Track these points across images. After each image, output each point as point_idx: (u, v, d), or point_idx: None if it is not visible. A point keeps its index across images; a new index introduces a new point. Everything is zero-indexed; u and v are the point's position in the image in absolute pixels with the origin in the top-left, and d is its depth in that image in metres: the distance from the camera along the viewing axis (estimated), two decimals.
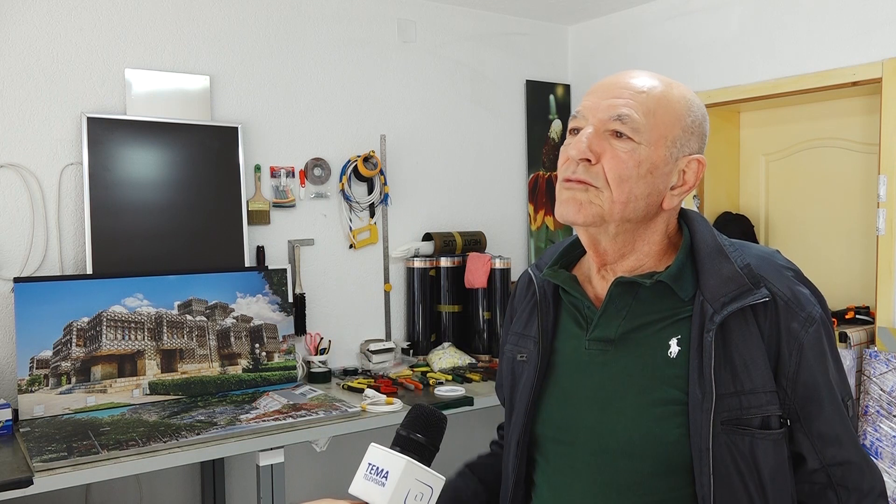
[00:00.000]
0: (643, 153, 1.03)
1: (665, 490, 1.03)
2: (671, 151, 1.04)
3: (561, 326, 1.16)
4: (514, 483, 1.19)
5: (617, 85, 1.06)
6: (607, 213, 1.04)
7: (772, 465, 1.01)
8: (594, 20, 3.74)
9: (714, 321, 1.00)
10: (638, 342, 1.06)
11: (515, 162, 3.72)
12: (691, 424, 1.00)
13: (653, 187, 1.04)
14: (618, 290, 1.08)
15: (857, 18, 2.75)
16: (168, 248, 2.73)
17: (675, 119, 1.05)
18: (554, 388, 1.14)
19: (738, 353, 1.01)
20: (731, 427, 0.99)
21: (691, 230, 1.10)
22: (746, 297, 1.01)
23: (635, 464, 1.04)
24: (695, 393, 1.00)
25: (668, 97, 1.05)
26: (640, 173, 1.03)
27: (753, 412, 1.00)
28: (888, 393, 2.56)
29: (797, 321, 1.02)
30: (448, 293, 3.31)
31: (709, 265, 1.05)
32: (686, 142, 1.06)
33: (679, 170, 1.06)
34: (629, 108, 1.03)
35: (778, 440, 1.02)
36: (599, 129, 1.04)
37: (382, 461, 0.88)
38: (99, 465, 1.98)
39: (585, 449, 1.08)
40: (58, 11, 2.60)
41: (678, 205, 1.10)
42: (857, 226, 3.05)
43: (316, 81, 3.12)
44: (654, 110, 1.03)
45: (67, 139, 2.61)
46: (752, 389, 1.00)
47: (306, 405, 2.51)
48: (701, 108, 1.09)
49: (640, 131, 1.03)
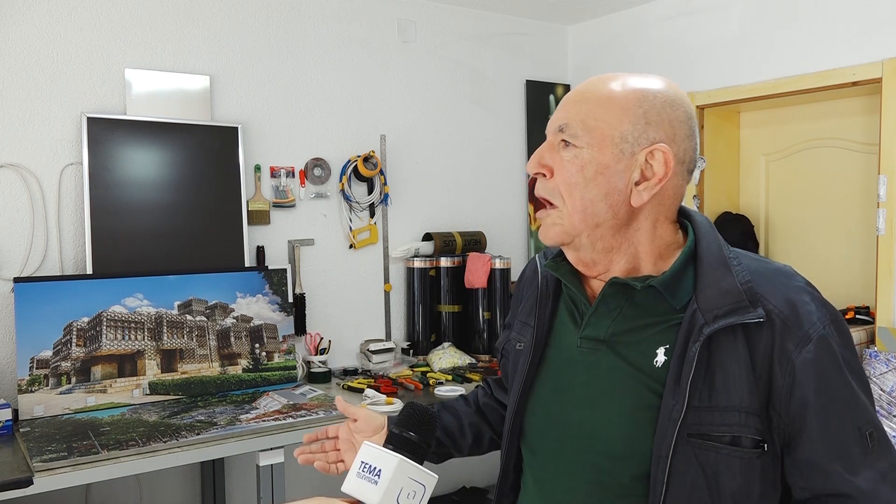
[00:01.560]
0: (585, 156, 1.03)
1: (641, 494, 1.02)
2: (621, 148, 1.02)
3: (558, 319, 1.17)
4: (504, 471, 1.21)
5: (566, 97, 1.09)
6: (570, 228, 1.05)
7: (737, 485, 0.97)
8: (594, 20, 3.75)
9: (703, 333, 0.98)
10: (627, 345, 1.05)
11: (515, 162, 3.72)
12: (657, 431, 0.99)
13: (608, 188, 1.03)
14: (611, 290, 1.07)
15: (857, 18, 2.75)
16: (168, 248, 2.73)
17: (620, 115, 1.02)
18: (545, 381, 1.15)
19: (721, 369, 0.98)
20: (698, 440, 0.97)
21: (697, 236, 1.07)
22: (740, 315, 0.97)
23: (616, 466, 1.04)
24: (667, 400, 0.99)
25: (610, 96, 1.04)
26: (588, 177, 1.03)
27: (724, 430, 0.97)
28: (888, 393, 2.56)
29: (792, 341, 0.97)
30: (448, 293, 3.32)
31: (709, 275, 1.02)
32: (641, 134, 1.02)
33: (639, 164, 1.02)
34: (567, 118, 1.05)
35: (748, 460, 0.97)
36: (553, 142, 1.07)
37: (375, 459, 0.88)
38: (99, 465, 1.98)
39: (571, 446, 1.09)
40: (58, 11, 2.60)
41: (661, 199, 1.05)
42: (857, 226, 3.05)
43: (316, 81, 3.12)
44: (592, 112, 1.04)
45: (67, 139, 2.61)
46: (728, 407, 0.97)
47: (306, 405, 2.51)
48: (661, 95, 1.04)
49: (578, 136, 1.04)
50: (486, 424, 1.37)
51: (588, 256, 1.08)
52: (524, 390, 1.16)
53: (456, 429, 1.35)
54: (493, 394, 1.41)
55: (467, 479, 3.55)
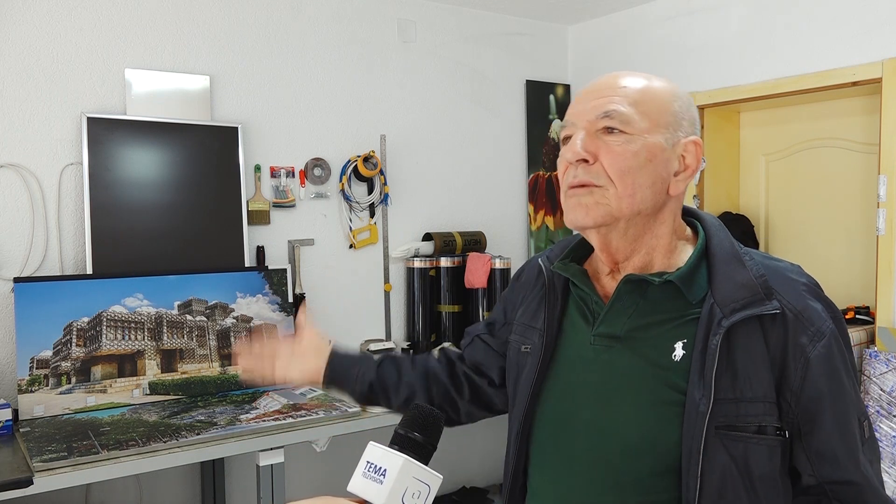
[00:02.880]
0: (638, 143, 1.04)
1: (661, 491, 1.03)
2: (666, 137, 1.05)
3: (567, 320, 1.17)
4: (513, 474, 1.20)
5: (599, 87, 1.09)
6: (616, 210, 1.05)
7: (765, 472, 1.01)
8: (594, 20, 3.75)
9: (722, 326, 1.00)
10: (643, 341, 1.06)
11: (515, 162, 3.72)
12: (685, 426, 1.00)
13: (656, 175, 1.05)
14: (627, 287, 1.08)
15: (857, 18, 2.75)
16: (168, 248, 2.73)
17: (663, 106, 1.06)
18: (556, 381, 1.15)
19: (742, 361, 1.00)
20: (726, 432, 0.99)
21: (708, 234, 1.10)
22: (757, 307, 1.01)
23: (633, 463, 1.04)
24: (693, 395, 1.00)
25: (650, 88, 1.07)
26: (640, 163, 1.04)
27: (750, 420, 1.00)
28: (888, 393, 2.56)
29: (806, 336, 1.01)
30: (448, 293, 3.32)
31: (723, 270, 1.05)
32: (678, 126, 1.07)
33: (678, 154, 1.07)
34: (615, 104, 1.05)
35: (773, 447, 1.01)
36: (591, 130, 1.06)
37: (380, 459, 0.89)
38: (99, 465, 1.98)
39: (583, 444, 1.09)
40: (58, 11, 2.60)
41: (684, 190, 1.09)
42: (857, 226, 3.05)
43: (316, 81, 3.12)
44: (639, 101, 1.05)
45: (67, 139, 2.61)
46: (752, 398, 1.00)
47: (306, 405, 2.51)
48: (685, 95, 1.10)
49: (630, 122, 1.04)
50: (423, 390, 1.33)
51: (615, 242, 1.09)
52: (534, 392, 1.16)
53: (392, 384, 1.33)
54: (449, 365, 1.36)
55: (467, 479, 3.55)
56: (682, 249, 1.11)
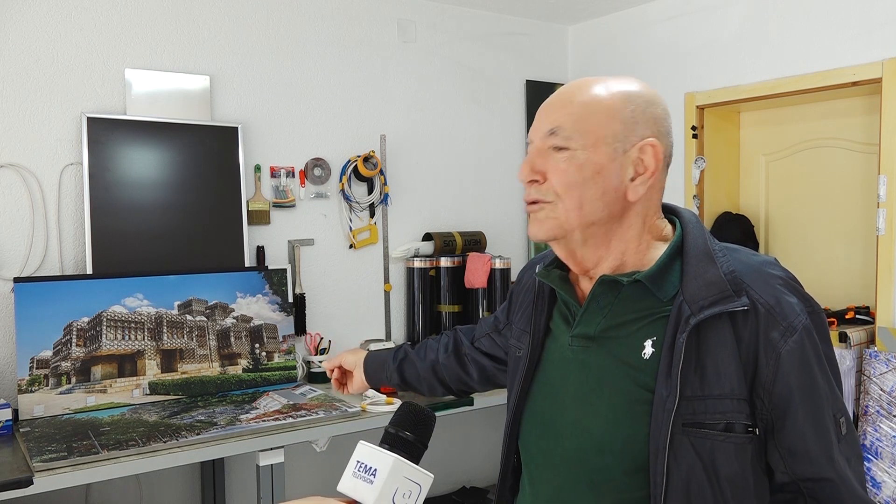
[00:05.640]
0: (581, 157, 1.05)
1: (634, 489, 1.04)
2: (615, 147, 1.05)
3: (553, 323, 1.20)
4: (504, 474, 1.25)
5: (552, 102, 1.11)
6: (565, 223, 1.07)
7: (733, 471, 1.01)
8: (594, 20, 3.74)
9: (689, 323, 1.01)
10: (616, 340, 1.08)
11: (515, 162, 3.72)
12: (652, 424, 1.01)
13: (606, 185, 1.06)
14: (601, 288, 1.10)
15: (857, 18, 2.75)
16: (168, 248, 2.73)
17: (610, 116, 1.06)
18: (542, 384, 1.18)
19: (710, 358, 1.01)
20: (692, 430, 1.00)
21: (684, 231, 1.11)
22: (725, 304, 1.00)
23: (609, 461, 1.05)
24: (660, 392, 1.01)
25: (597, 99, 1.07)
26: (586, 177, 1.05)
27: (717, 417, 1.00)
28: (888, 393, 2.56)
29: (777, 330, 1.01)
30: (448, 293, 3.31)
31: (694, 268, 1.05)
32: (631, 132, 1.06)
33: (632, 160, 1.06)
34: (559, 122, 1.07)
35: (741, 445, 1.01)
36: (542, 147, 1.09)
37: (371, 459, 0.88)
38: (99, 465, 1.98)
39: (566, 444, 1.11)
40: (58, 11, 2.60)
41: (650, 194, 1.09)
42: (857, 226, 3.05)
43: (316, 81, 3.12)
44: (583, 115, 1.06)
45: (67, 139, 2.61)
46: (720, 395, 1.00)
47: (306, 405, 2.51)
48: (647, 94, 1.09)
49: (572, 138, 1.06)
50: (437, 381, 1.54)
51: (579, 252, 1.11)
52: (521, 394, 1.19)
53: (414, 380, 1.56)
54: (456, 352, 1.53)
55: (467, 479, 3.55)
56: (656, 248, 1.11)
